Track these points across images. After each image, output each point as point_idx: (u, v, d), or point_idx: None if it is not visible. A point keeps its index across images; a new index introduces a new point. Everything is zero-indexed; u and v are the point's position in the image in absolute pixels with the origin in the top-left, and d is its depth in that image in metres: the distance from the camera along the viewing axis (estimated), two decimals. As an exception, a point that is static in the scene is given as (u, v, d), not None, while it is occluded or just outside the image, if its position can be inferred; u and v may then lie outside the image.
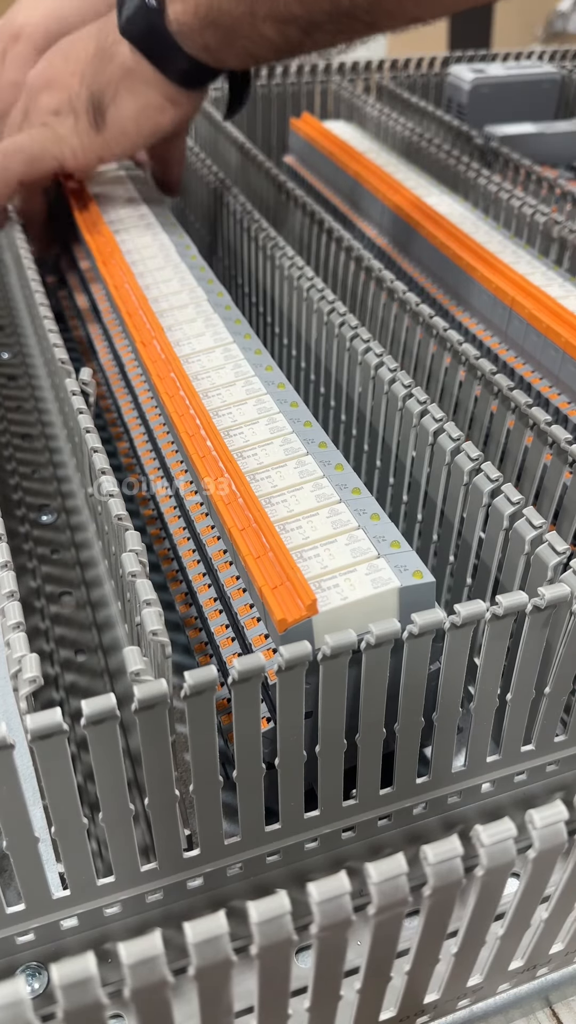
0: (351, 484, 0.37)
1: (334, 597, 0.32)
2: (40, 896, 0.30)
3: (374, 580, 0.33)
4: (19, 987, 0.19)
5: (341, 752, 0.32)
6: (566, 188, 0.63)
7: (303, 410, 0.42)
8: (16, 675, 0.28)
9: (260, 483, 0.37)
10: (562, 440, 0.39)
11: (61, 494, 0.54)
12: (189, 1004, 0.26)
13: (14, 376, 0.64)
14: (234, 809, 0.32)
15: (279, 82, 0.85)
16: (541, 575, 0.34)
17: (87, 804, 0.35)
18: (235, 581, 0.37)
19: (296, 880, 0.35)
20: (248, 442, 0.39)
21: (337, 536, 0.35)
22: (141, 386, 0.48)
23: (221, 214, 0.64)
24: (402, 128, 0.74)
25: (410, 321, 0.50)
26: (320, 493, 0.37)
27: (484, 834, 0.23)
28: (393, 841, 0.36)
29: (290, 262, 0.53)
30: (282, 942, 0.21)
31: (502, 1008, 0.32)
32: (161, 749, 0.28)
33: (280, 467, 0.38)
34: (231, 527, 0.35)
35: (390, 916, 0.23)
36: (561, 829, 0.24)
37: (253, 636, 0.34)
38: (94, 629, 0.46)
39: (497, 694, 0.34)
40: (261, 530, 0.35)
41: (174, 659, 0.35)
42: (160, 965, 0.20)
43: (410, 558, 0.34)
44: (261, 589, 0.33)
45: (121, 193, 0.61)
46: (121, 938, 0.23)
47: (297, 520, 0.36)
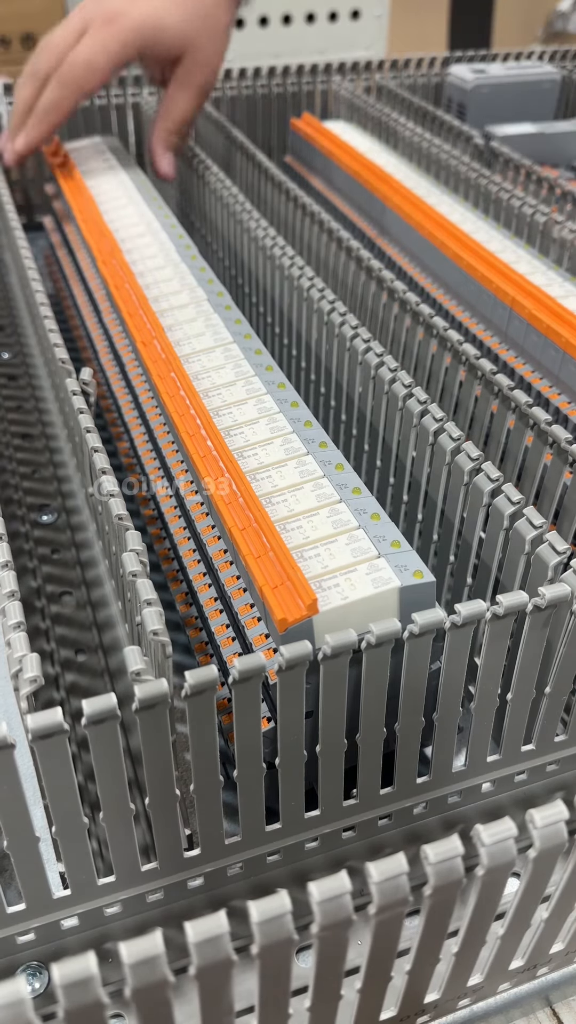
0: (351, 484, 0.37)
1: (335, 597, 0.32)
2: (41, 896, 0.30)
3: (375, 580, 0.33)
4: (20, 987, 0.19)
5: (341, 752, 0.32)
6: (566, 188, 0.63)
7: (303, 410, 0.42)
8: (17, 675, 0.28)
9: (260, 483, 0.37)
10: (562, 440, 0.39)
11: (61, 494, 0.54)
12: (190, 1004, 0.26)
13: (14, 376, 0.64)
14: (234, 809, 0.32)
15: (279, 82, 0.85)
16: (541, 575, 0.34)
17: (87, 804, 0.35)
18: (235, 581, 0.37)
19: (296, 880, 0.35)
20: (248, 442, 0.39)
21: (337, 536, 0.35)
22: (141, 386, 0.48)
23: (221, 214, 0.64)
24: (402, 128, 0.74)
25: (410, 321, 0.50)
26: (320, 493, 0.37)
27: (484, 834, 0.23)
28: (393, 841, 0.36)
29: (290, 262, 0.53)
30: (282, 942, 0.21)
31: (502, 1008, 0.32)
32: (162, 749, 0.28)
33: (280, 467, 0.38)
34: (231, 527, 0.35)
35: (390, 916, 0.23)
36: (561, 829, 0.24)
37: (254, 636, 0.34)
38: (94, 629, 0.46)
39: (497, 694, 0.34)
40: (261, 530, 0.35)
41: (175, 659, 0.35)
42: (161, 965, 0.20)
43: (410, 558, 0.34)
44: (261, 589, 0.33)
45: (101, 164, 0.66)
46: (121, 938, 0.23)
47: (297, 520, 0.36)
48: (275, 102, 0.85)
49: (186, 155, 0.68)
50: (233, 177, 0.72)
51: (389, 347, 0.52)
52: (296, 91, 0.85)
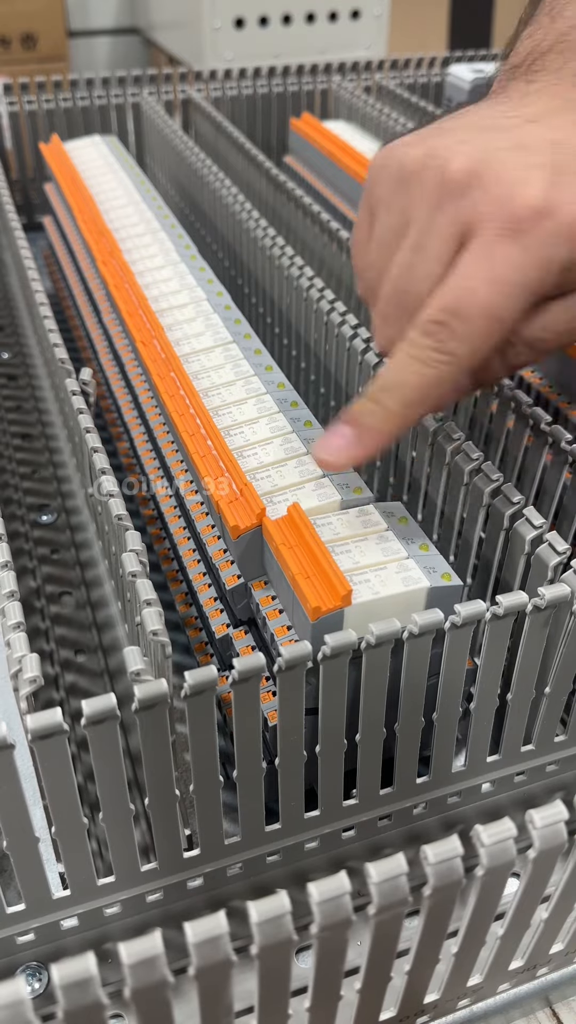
0: (353, 484, 0.37)
1: (365, 591, 0.33)
2: (40, 896, 0.30)
3: (404, 579, 0.33)
4: (19, 987, 0.19)
5: (341, 752, 0.32)
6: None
7: (303, 409, 0.42)
8: (16, 675, 0.28)
9: (260, 482, 0.37)
10: (562, 440, 0.39)
11: (61, 494, 0.54)
12: (189, 1004, 0.26)
13: (14, 376, 0.64)
14: (234, 809, 0.32)
15: (279, 82, 0.85)
16: (541, 575, 0.34)
17: (87, 804, 0.35)
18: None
19: (296, 880, 0.35)
20: (248, 441, 0.39)
21: (368, 535, 0.35)
22: (141, 386, 0.48)
23: (221, 214, 0.64)
24: (402, 128, 0.74)
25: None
26: (322, 492, 0.37)
27: (484, 834, 0.23)
28: (393, 841, 0.36)
29: (290, 262, 0.52)
30: (282, 942, 0.21)
31: (502, 1008, 0.32)
32: (161, 749, 0.28)
33: (280, 466, 0.38)
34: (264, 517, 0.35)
35: (390, 916, 0.23)
36: (561, 829, 0.24)
37: (275, 627, 0.34)
38: (94, 629, 0.46)
39: (497, 694, 0.34)
40: (296, 522, 0.35)
41: (174, 659, 0.35)
42: (160, 965, 0.20)
43: (438, 561, 0.34)
44: (295, 577, 0.33)
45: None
46: (121, 938, 0.23)
47: (326, 515, 0.36)
48: (275, 102, 0.85)
49: (187, 157, 0.68)
50: (233, 177, 0.72)
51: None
52: (296, 91, 0.85)
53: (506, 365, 0.35)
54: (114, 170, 0.64)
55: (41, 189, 0.77)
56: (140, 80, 0.81)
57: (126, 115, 0.81)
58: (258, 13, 1.32)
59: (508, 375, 0.37)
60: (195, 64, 1.31)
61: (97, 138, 0.70)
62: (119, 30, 1.70)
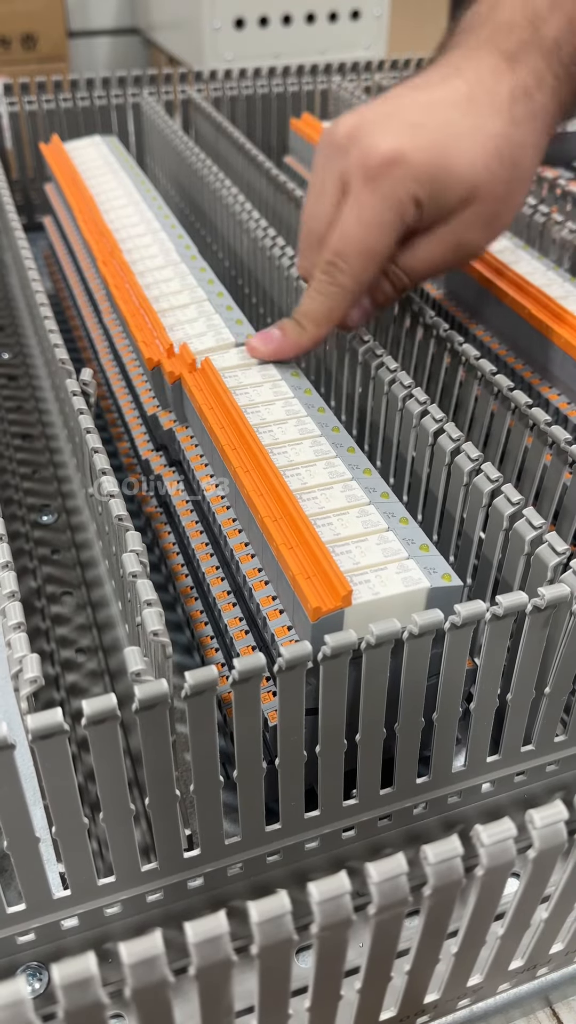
0: (379, 488, 0.37)
1: (365, 592, 0.33)
2: (41, 896, 0.30)
3: (405, 579, 0.33)
4: (20, 987, 0.19)
5: (342, 752, 0.32)
6: (566, 188, 0.63)
7: (329, 416, 0.42)
8: (17, 675, 0.28)
9: (290, 479, 0.37)
10: (562, 440, 0.39)
11: (61, 494, 0.54)
12: (189, 1004, 0.26)
13: (14, 376, 0.64)
14: (234, 809, 0.32)
15: (279, 82, 0.85)
16: (541, 575, 0.34)
17: (87, 804, 0.35)
18: (257, 573, 0.37)
19: (296, 880, 0.35)
20: (276, 440, 0.40)
21: (368, 535, 0.35)
22: (142, 386, 0.48)
23: (221, 214, 0.64)
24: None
25: (410, 322, 0.50)
26: (350, 494, 0.37)
27: (484, 834, 0.23)
28: (393, 841, 0.36)
29: (290, 262, 0.52)
30: (282, 942, 0.21)
31: (502, 1008, 0.32)
32: (161, 749, 0.28)
33: (310, 466, 0.38)
34: (265, 516, 0.35)
35: (390, 916, 0.23)
36: (561, 829, 0.24)
37: (276, 627, 0.34)
38: (95, 629, 0.46)
39: (497, 694, 0.34)
40: (296, 521, 0.35)
41: (175, 659, 0.35)
42: (160, 965, 0.20)
43: (438, 561, 0.34)
44: (295, 577, 0.33)
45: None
46: (121, 938, 0.23)
47: (327, 517, 0.36)
48: (275, 102, 0.85)
49: (187, 157, 0.68)
50: (233, 177, 0.72)
51: (389, 348, 0.52)
52: (296, 91, 0.85)
53: (395, 287, 0.45)
54: (114, 170, 0.64)
55: (41, 189, 0.77)
56: (140, 80, 0.81)
57: (126, 115, 0.81)
58: (258, 13, 1.31)
59: (398, 296, 0.46)
60: (195, 64, 1.31)
61: (97, 138, 0.70)
62: (119, 30, 1.70)
